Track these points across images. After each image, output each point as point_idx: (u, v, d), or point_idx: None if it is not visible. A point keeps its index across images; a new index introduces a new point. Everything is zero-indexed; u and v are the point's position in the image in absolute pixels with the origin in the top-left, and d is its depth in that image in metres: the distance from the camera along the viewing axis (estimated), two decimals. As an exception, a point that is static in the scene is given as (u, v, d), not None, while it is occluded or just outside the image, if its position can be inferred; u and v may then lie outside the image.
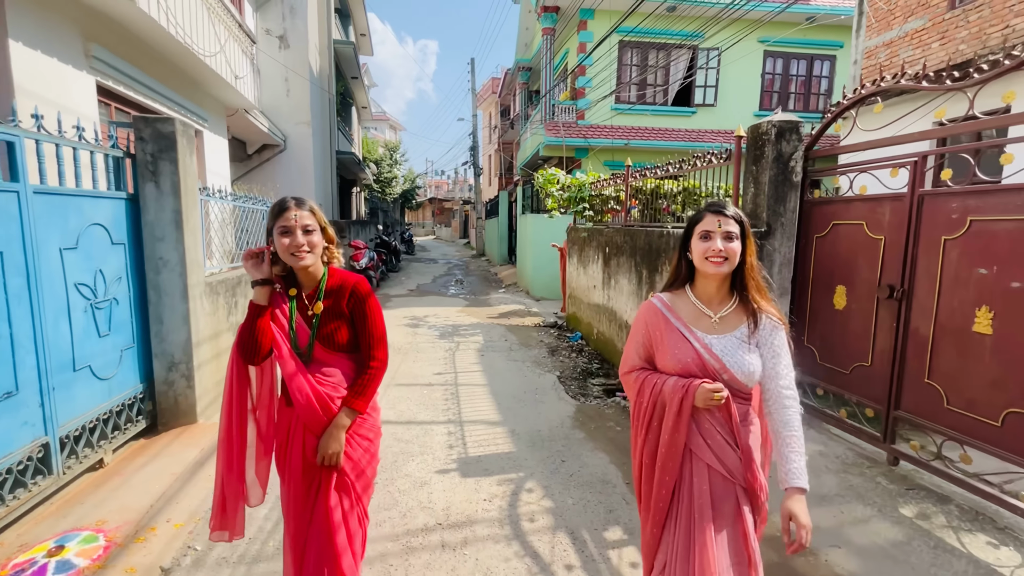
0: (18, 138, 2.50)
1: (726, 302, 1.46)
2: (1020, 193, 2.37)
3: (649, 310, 1.51)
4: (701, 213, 1.44)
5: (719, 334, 1.42)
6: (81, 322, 2.93)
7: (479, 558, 2.38)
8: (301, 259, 1.54)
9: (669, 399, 1.40)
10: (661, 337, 1.46)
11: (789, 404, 1.40)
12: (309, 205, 1.59)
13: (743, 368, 1.38)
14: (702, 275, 1.44)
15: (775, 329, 1.43)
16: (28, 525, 2.49)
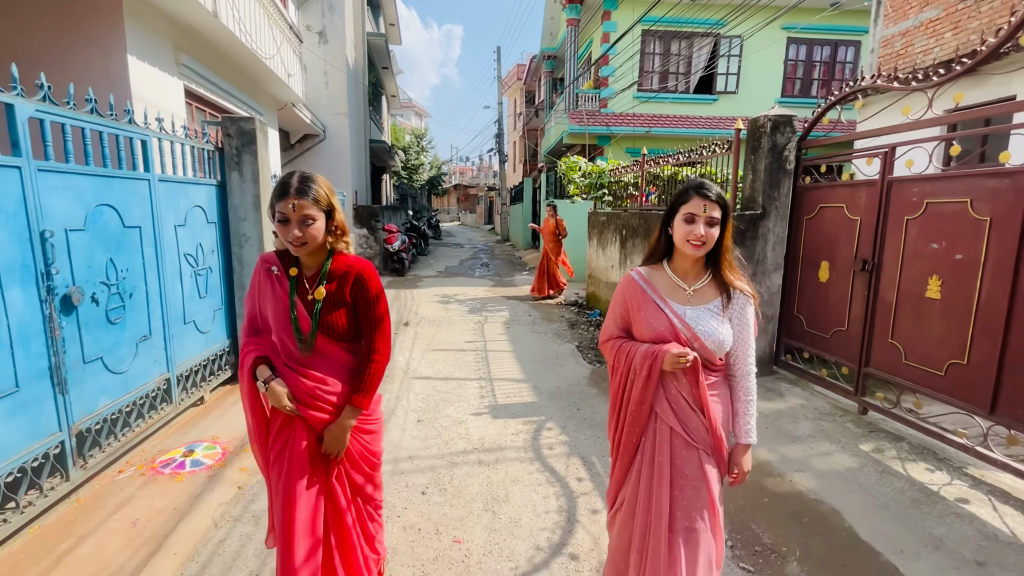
0: (149, 137, 3.18)
1: (700, 276, 1.52)
2: (962, 180, 2.82)
3: (628, 283, 1.57)
4: (688, 193, 1.45)
5: (693, 306, 1.49)
6: (189, 285, 3.64)
7: (508, 471, 3.01)
8: (296, 250, 1.46)
9: (640, 365, 1.47)
10: (638, 308, 1.52)
11: (750, 371, 1.54)
12: (314, 192, 1.43)
13: (713, 337, 1.45)
14: (680, 253, 1.50)
15: (746, 303, 1.51)
16: (159, 439, 3.23)
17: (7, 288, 2.19)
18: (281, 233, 1.44)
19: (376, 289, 1.58)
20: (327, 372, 1.56)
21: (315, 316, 1.52)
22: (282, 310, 1.51)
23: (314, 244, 1.47)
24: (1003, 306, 2.61)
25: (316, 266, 1.55)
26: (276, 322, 1.53)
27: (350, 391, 1.58)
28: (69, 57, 3.73)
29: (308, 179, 1.45)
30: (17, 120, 2.24)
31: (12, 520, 2.21)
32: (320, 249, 1.52)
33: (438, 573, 2.16)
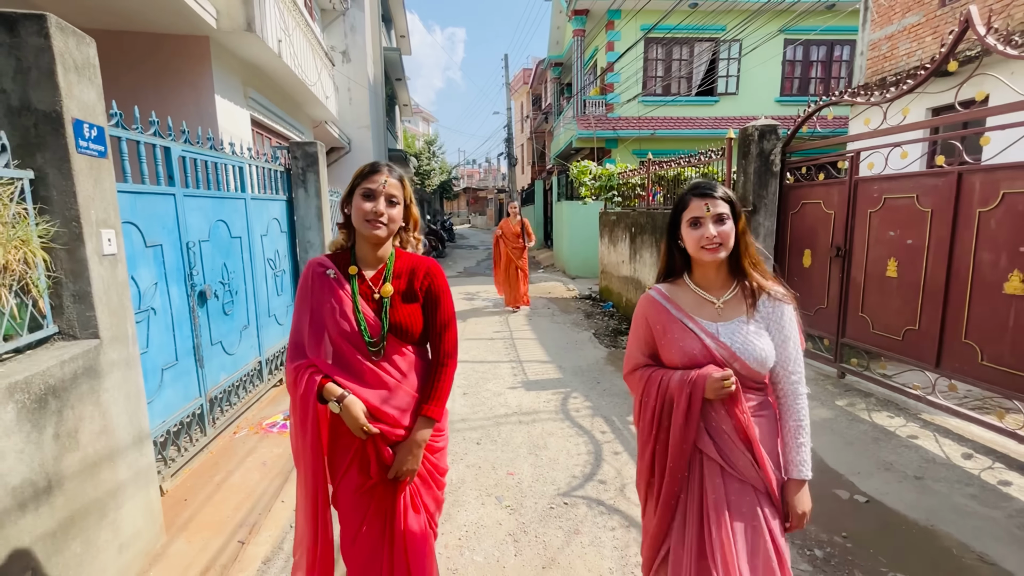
0: (244, 164, 3.91)
1: (728, 286, 1.36)
2: (910, 179, 3.46)
3: (648, 303, 1.41)
4: (685, 198, 1.33)
5: (725, 320, 1.32)
6: (271, 284, 4.37)
7: (544, 427, 3.69)
8: (375, 228, 1.35)
9: (678, 394, 1.29)
10: (663, 330, 1.35)
11: (797, 391, 1.32)
12: (400, 174, 1.41)
13: (754, 355, 1.28)
14: (698, 263, 1.35)
15: (778, 306, 1.32)
16: (256, 410, 3.95)
17: (170, 285, 2.91)
18: (360, 211, 1.35)
19: (445, 286, 1.50)
20: (396, 381, 1.41)
21: (384, 315, 1.39)
22: (345, 312, 1.37)
23: (391, 229, 1.39)
24: (942, 281, 3.24)
25: (378, 263, 1.45)
26: (336, 328, 1.37)
27: (420, 400, 1.45)
28: (164, 95, 4.48)
29: (396, 167, 1.42)
30: (172, 158, 2.97)
31: (177, 460, 2.93)
32: (386, 243, 1.44)
33: (499, 492, 2.85)
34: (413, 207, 1.49)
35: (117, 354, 2.08)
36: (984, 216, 3.00)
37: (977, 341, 3.06)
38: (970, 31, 2.98)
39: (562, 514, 2.63)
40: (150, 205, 2.75)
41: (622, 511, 2.64)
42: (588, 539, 2.42)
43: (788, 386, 1.34)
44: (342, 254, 1.48)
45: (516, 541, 2.42)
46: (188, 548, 2.31)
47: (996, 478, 2.80)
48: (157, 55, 4.44)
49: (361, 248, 1.45)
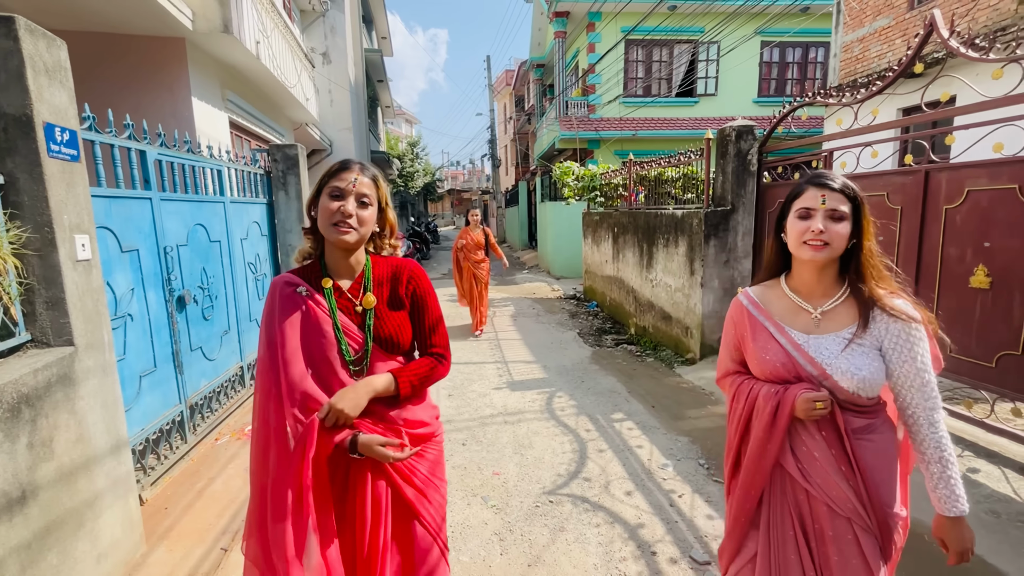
0: (223, 167, 3.87)
1: (831, 294, 1.20)
2: (880, 177, 3.56)
3: (735, 308, 1.32)
4: (801, 186, 1.20)
5: (820, 333, 1.18)
6: (251, 288, 4.32)
7: (529, 427, 3.71)
8: (343, 232, 1.20)
9: (763, 406, 1.19)
10: (748, 337, 1.26)
11: (934, 421, 1.16)
12: (374, 173, 1.28)
13: (851, 373, 1.12)
14: (799, 262, 1.21)
15: (903, 326, 1.14)
16: (238, 416, 3.90)
17: (147, 291, 2.87)
18: (326, 213, 1.21)
19: (430, 287, 1.40)
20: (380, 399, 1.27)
21: (368, 329, 1.27)
22: (323, 332, 1.24)
23: (362, 233, 1.24)
24: (912, 275, 3.34)
25: (353, 272, 1.31)
26: (314, 351, 1.23)
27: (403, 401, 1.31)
28: (139, 97, 4.40)
29: (368, 165, 1.30)
30: (148, 162, 2.92)
31: (156, 468, 2.88)
32: (358, 250, 1.30)
33: (484, 492, 2.86)
34: (389, 211, 1.34)
35: (93, 361, 2.05)
36: (950, 213, 3.10)
37: (946, 334, 3.16)
38: (935, 34, 3.08)
39: (547, 512, 2.65)
40: (126, 209, 2.71)
41: (607, 507, 2.67)
42: (573, 536, 2.45)
43: (922, 413, 1.15)
44: (310, 266, 1.32)
45: (502, 540, 2.44)
46: (169, 557, 2.28)
47: (965, 466, 2.90)
48: (132, 57, 4.36)
49: (331, 256, 1.30)
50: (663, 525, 2.51)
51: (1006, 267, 2.82)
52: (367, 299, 1.30)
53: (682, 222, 5.24)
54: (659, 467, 3.07)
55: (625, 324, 6.74)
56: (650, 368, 5.04)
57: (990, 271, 2.89)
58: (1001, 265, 2.85)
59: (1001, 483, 2.73)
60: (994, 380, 2.91)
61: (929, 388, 1.16)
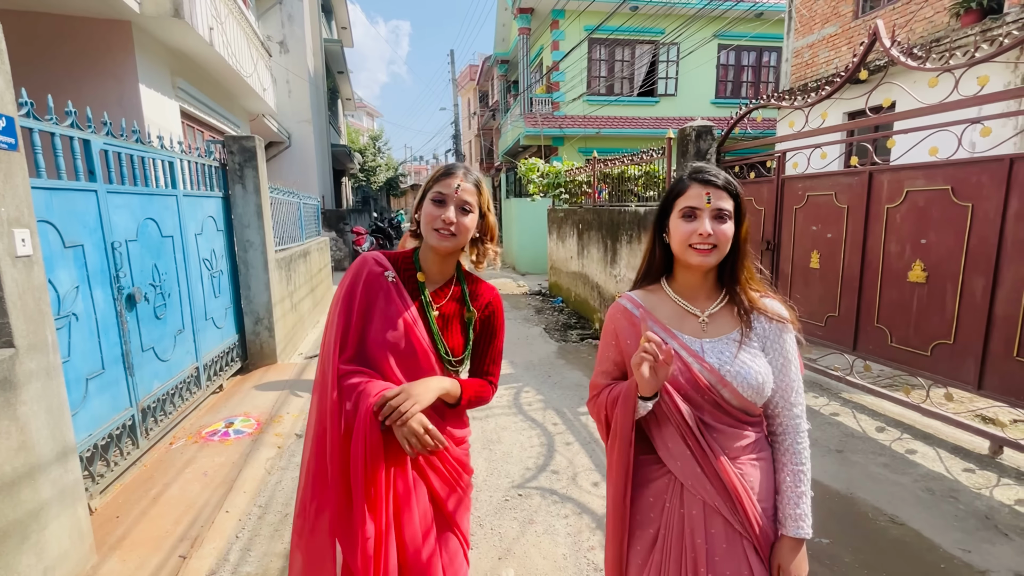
0: (175, 159, 3.69)
1: (714, 297, 1.15)
2: (829, 178, 3.76)
3: (618, 315, 1.18)
4: (683, 183, 1.11)
5: (712, 337, 1.11)
6: (207, 286, 4.15)
7: (497, 422, 3.73)
8: (443, 238, 1.22)
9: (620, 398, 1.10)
10: (634, 346, 1.12)
11: (799, 427, 1.12)
12: (477, 179, 1.27)
13: (748, 379, 1.06)
14: (683, 265, 1.13)
15: (781, 331, 1.12)
16: (194, 419, 3.75)
17: (93, 288, 2.71)
18: (428, 218, 1.22)
19: (503, 319, 1.38)
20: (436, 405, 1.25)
21: (435, 335, 1.27)
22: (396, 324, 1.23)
23: (461, 240, 1.25)
24: (857, 270, 3.55)
25: (442, 278, 1.32)
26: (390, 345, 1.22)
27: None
28: (83, 85, 4.14)
29: (472, 170, 1.29)
30: (93, 152, 2.76)
31: (106, 476, 2.74)
32: (453, 256, 1.32)
33: (454, 488, 2.86)
34: (490, 216, 1.33)
35: (35, 363, 1.92)
36: (891, 212, 3.31)
37: (887, 325, 3.38)
38: (878, 43, 3.27)
39: (517, 505, 2.68)
40: (69, 202, 2.55)
41: (574, 499, 2.72)
42: (542, 528, 2.48)
43: (789, 420, 1.12)
44: (403, 257, 1.32)
45: (472, 535, 2.44)
46: (122, 567, 2.18)
47: (904, 447, 3.11)
48: (74, 40, 4.08)
49: (425, 257, 1.30)
50: (629, 514, 2.58)
51: (940, 263, 3.04)
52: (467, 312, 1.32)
53: (644, 219, 5.36)
54: (624, 458, 3.15)
55: (590, 319, 6.85)
56: (614, 362, 5.15)
57: (926, 266, 3.11)
58: (936, 261, 3.06)
59: (935, 463, 2.94)
60: (929, 367, 3.13)
61: (799, 394, 1.13)
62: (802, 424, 1.13)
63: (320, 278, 7.76)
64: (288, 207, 6.11)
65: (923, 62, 3.03)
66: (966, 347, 2.91)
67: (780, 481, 1.12)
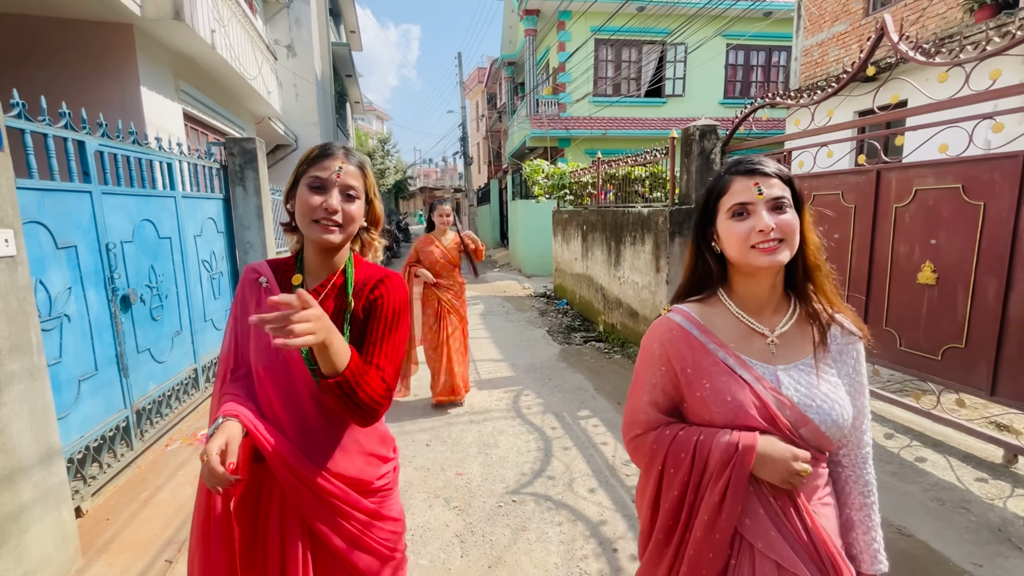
0: (174, 160, 3.69)
1: (782, 310, 0.98)
2: (835, 177, 3.66)
3: (671, 333, 0.98)
4: (722, 179, 0.95)
5: (786, 363, 0.94)
6: (206, 287, 4.15)
7: (495, 426, 3.67)
8: (327, 232, 1.03)
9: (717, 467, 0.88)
10: (697, 374, 0.94)
11: (867, 457, 0.99)
12: (361, 160, 1.10)
13: (832, 415, 0.90)
14: (745, 273, 0.95)
15: (851, 343, 0.97)
16: (191, 421, 3.74)
17: (87, 289, 2.70)
18: (305, 208, 1.02)
19: (398, 303, 1.12)
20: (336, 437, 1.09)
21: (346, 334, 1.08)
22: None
23: (348, 231, 1.07)
24: (865, 271, 3.45)
25: (327, 274, 1.12)
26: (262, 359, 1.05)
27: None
28: (86, 88, 4.16)
29: (353, 149, 1.11)
30: (88, 153, 2.75)
31: (98, 478, 2.72)
32: (340, 250, 1.11)
33: (447, 494, 2.81)
34: (376, 202, 1.16)
35: (18, 365, 1.91)
36: (900, 211, 3.21)
37: (896, 328, 3.27)
38: (885, 38, 3.17)
39: (510, 512, 2.62)
40: (61, 203, 2.54)
41: (569, 505, 2.66)
42: (535, 535, 2.42)
43: (858, 450, 0.99)
44: (288, 258, 1.18)
45: (463, 542, 2.39)
46: (107, 571, 2.15)
47: (913, 455, 3.00)
48: (76, 44, 4.11)
49: (308, 254, 1.12)
50: (625, 522, 2.51)
51: (950, 264, 2.93)
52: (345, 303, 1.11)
53: (648, 220, 5.29)
54: (623, 463, 3.08)
55: (594, 321, 6.78)
56: (617, 365, 5.07)
57: (936, 267, 3.00)
58: (946, 262, 2.96)
59: (946, 471, 2.83)
60: (940, 372, 3.02)
61: (868, 418, 1.00)
62: (868, 451, 1.00)
63: (324, 280, 7.77)
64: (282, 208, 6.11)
65: (932, 57, 2.94)
66: (978, 351, 2.80)
67: (851, 516, 1.00)
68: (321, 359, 0.94)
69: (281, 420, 1.05)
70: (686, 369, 0.95)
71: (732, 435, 0.89)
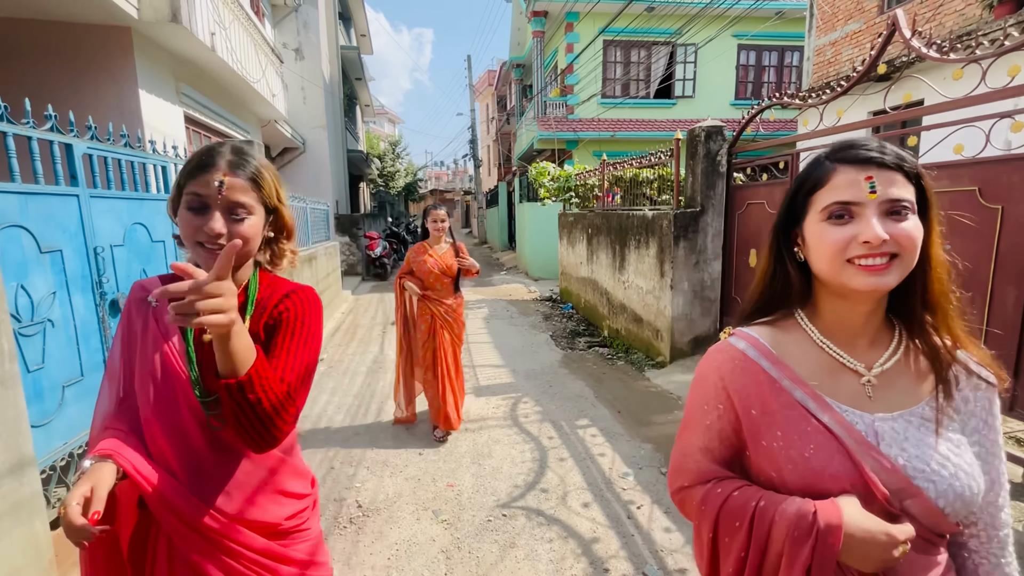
0: (168, 163, 3.66)
1: (883, 341, 0.75)
2: (845, 179, 3.51)
3: (730, 363, 0.77)
4: (823, 167, 0.72)
5: (888, 411, 0.71)
6: (202, 291, 4.12)
7: (490, 435, 3.58)
8: (214, 258, 0.85)
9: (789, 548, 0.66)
10: (765, 419, 0.73)
11: (1007, 538, 0.74)
12: (253, 168, 0.92)
13: (954, 487, 0.67)
14: (836, 292, 0.72)
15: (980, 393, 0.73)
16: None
17: (73, 294, 2.67)
18: (188, 229, 0.88)
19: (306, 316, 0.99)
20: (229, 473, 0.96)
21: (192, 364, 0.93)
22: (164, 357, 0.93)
23: (246, 252, 0.92)
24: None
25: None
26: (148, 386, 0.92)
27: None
28: (84, 91, 4.17)
29: (246, 153, 0.94)
30: (75, 156, 2.72)
31: (83, 485, 2.68)
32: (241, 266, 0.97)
33: (436, 506, 2.72)
34: (284, 210, 1.00)
35: (-11, 373, 1.86)
36: (913, 215, 3.06)
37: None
38: (897, 34, 3.04)
39: (499, 527, 2.52)
40: (45, 207, 2.51)
41: (562, 521, 2.56)
42: (524, 553, 2.33)
43: (994, 531, 0.73)
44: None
45: (448, 558, 2.30)
46: (82, 584, 2.10)
47: None
48: (73, 47, 4.12)
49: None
50: (618, 539, 2.41)
51: (966, 271, 2.78)
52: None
53: (653, 223, 5.17)
54: (620, 476, 2.97)
55: (599, 326, 6.66)
56: (620, 372, 4.95)
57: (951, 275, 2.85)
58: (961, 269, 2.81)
59: (961, 490, 2.68)
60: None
61: (1006, 494, 0.74)
62: (1010, 535, 0.74)
63: (328, 283, 7.74)
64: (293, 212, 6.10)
65: (947, 53, 2.80)
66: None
67: None
68: (222, 356, 0.81)
69: (168, 457, 0.93)
70: (751, 411, 0.74)
71: (803, 505, 0.67)
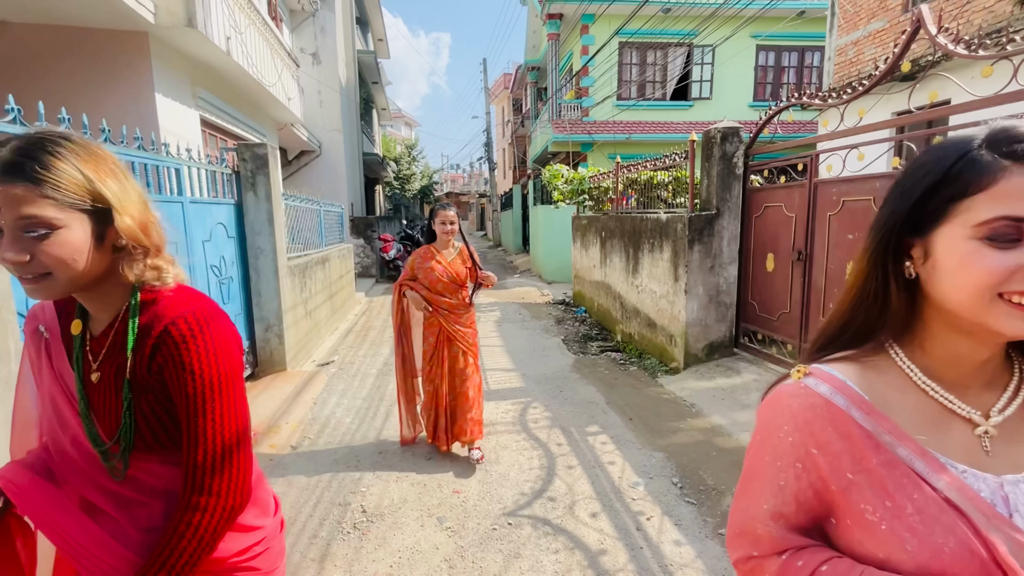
0: (181, 166, 3.70)
1: (1000, 381, 0.63)
2: (866, 181, 3.39)
3: (811, 412, 0.62)
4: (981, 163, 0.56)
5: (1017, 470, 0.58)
6: (216, 294, 4.15)
7: (498, 440, 3.53)
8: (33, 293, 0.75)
9: None
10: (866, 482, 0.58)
11: None
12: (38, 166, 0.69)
13: None
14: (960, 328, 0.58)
15: None
16: (196, 426, 3.72)
17: (84, 295, 2.70)
18: None
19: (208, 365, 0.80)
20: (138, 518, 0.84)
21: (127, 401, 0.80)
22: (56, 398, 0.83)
23: (63, 276, 0.73)
24: (899, 284, 3.17)
25: (112, 316, 0.83)
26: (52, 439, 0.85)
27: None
28: (101, 94, 4.25)
29: (39, 147, 0.71)
30: (88, 159, 2.75)
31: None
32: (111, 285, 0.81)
33: (441, 512, 2.68)
34: (128, 211, 0.76)
35: (-5, 373, 1.87)
36: (939, 218, 2.94)
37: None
38: (922, 31, 2.92)
39: (504, 536, 2.47)
40: (57, 209, 2.54)
41: (568, 531, 2.49)
42: (528, 564, 2.27)
43: None
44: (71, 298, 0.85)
45: (451, 568, 2.26)
46: (85, 585, 2.10)
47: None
48: (92, 51, 4.20)
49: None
50: (627, 552, 2.33)
51: None
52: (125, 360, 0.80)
53: (667, 226, 5.07)
54: (630, 486, 2.90)
55: (612, 331, 6.57)
56: (632, 377, 4.86)
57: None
58: None
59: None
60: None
61: None
62: None
63: (341, 284, 7.78)
64: (307, 214, 6.14)
65: (975, 50, 2.68)
66: None
67: None
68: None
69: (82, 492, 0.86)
70: (844, 473, 0.59)
71: None
